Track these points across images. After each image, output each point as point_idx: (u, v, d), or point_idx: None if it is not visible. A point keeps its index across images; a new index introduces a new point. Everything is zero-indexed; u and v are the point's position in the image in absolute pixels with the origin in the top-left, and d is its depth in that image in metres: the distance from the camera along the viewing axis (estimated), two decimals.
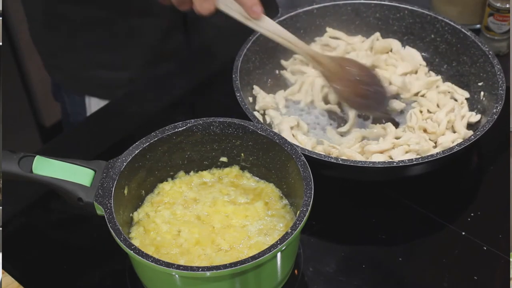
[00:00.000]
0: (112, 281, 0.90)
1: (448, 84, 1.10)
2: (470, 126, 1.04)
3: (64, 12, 1.21)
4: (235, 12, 0.96)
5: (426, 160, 0.91)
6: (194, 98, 1.18)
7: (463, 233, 0.94)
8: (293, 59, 1.16)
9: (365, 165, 0.91)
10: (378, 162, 0.91)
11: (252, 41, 1.09)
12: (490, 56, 1.06)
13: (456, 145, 0.93)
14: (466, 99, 1.09)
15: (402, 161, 0.92)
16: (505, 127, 1.04)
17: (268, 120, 1.07)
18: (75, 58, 1.27)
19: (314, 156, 0.91)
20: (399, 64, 1.14)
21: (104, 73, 1.28)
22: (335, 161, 0.91)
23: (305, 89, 1.10)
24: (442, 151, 0.93)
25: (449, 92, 1.10)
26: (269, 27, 0.98)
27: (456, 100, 1.08)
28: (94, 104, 1.31)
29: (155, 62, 1.27)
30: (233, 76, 1.03)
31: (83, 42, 1.25)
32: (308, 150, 0.93)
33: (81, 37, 1.24)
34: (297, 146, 0.90)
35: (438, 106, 1.08)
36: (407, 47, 1.17)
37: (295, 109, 1.09)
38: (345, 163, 0.91)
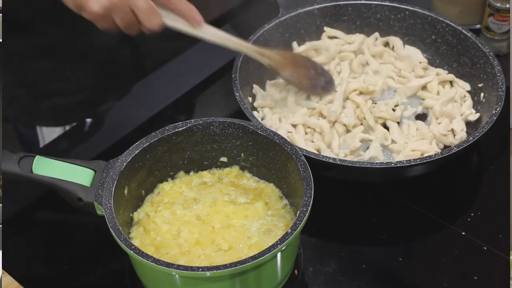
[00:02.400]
0: (112, 281, 0.90)
1: (450, 75, 1.11)
2: (469, 124, 1.05)
3: (8, 45, 1.18)
4: (181, 24, 0.96)
5: (426, 160, 0.91)
6: (194, 98, 1.18)
7: (463, 233, 0.94)
8: None
9: (364, 166, 0.91)
10: (378, 163, 0.91)
11: (252, 41, 1.09)
12: (490, 57, 1.06)
13: (455, 145, 0.94)
14: None
15: (402, 161, 0.92)
16: (505, 127, 1.04)
17: (261, 115, 1.06)
18: (27, 90, 1.22)
19: (314, 156, 0.91)
20: (398, 63, 1.14)
21: (61, 100, 1.25)
22: (335, 161, 0.91)
23: (294, 90, 1.09)
24: (441, 152, 0.93)
25: (450, 82, 1.10)
26: (213, 33, 0.99)
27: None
28: (46, 131, 1.29)
29: (107, 77, 1.23)
30: (233, 76, 1.03)
31: (33, 73, 1.20)
32: (308, 150, 0.93)
33: (30, 68, 1.20)
34: (297, 146, 0.90)
35: (438, 94, 1.09)
36: (406, 46, 1.17)
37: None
38: (345, 164, 0.91)
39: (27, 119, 1.30)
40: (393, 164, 0.91)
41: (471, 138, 0.94)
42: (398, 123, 1.05)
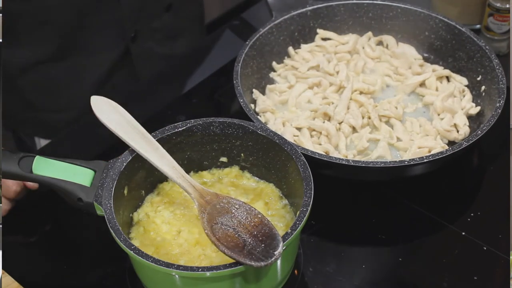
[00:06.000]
0: (112, 281, 0.90)
1: (447, 71, 1.11)
2: (470, 119, 1.05)
3: (3, 56, 1.16)
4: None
5: (438, 157, 0.91)
6: (194, 98, 1.18)
7: (463, 233, 0.94)
8: (284, 64, 1.16)
9: (365, 165, 0.91)
10: (378, 162, 0.91)
11: (249, 46, 1.09)
12: (487, 50, 1.06)
13: (465, 140, 0.94)
14: None
15: (414, 159, 0.91)
16: (506, 127, 1.04)
17: (264, 120, 1.06)
18: (18, 101, 1.24)
19: (314, 156, 0.91)
20: (394, 61, 1.14)
21: (49, 115, 1.26)
22: (335, 161, 0.91)
23: (294, 94, 1.09)
24: (452, 147, 0.93)
25: (446, 77, 1.11)
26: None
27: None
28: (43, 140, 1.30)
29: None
30: (234, 82, 1.03)
31: (24, 86, 1.22)
32: (308, 150, 0.93)
33: (22, 81, 1.21)
34: (297, 146, 0.90)
35: (437, 90, 1.09)
36: (400, 43, 1.17)
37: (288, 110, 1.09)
38: (345, 163, 0.91)
39: (15, 126, 1.31)
40: (393, 164, 0.91)
41: (479, 132, 0.94)
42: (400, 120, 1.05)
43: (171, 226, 0.86)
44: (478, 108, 1.05)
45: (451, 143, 1.02)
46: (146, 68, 1.28)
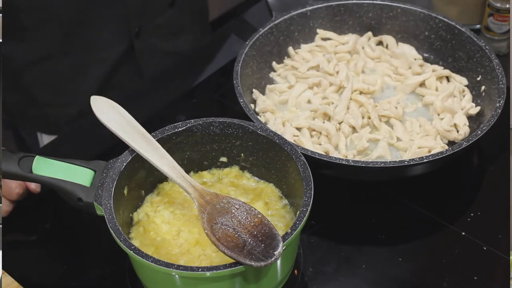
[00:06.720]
0: (112, 281, 0.90)
1: (447, 71, 1.11)
2: (470, 119, 1.05)
3: (7, 52, 1.17)
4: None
5: (438, 157, 0.91)
6: (194, 98, 1.18)
7: (463, 233, 0.94)
8: (284, 64, 1.16)
9: (365, 165, 0.91)
10: (378, 162, 0.91)
11: (249, 46, 1.09)
12: (487, 50, 1.06)
13: (465, 140, 0.94)
14: None
15: (414, 159, 0.91)
16: (506, 127, 1.04)
17: (264, 120, 1.06)
18: (21, 97, 1.25)
19: (314, 156, 0.91)
20: (394, 61, 1.14)
21: (52, 110, 1.26)
22: (335, 161, 0.91)
23: (294, 94, 1.09)
24: (452, 147, 0.93)
25: (446, 77, 1.11)
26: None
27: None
28: (45, 137, 1.30)
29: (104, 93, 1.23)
30: (234, 82, 1.03)
31: (28, 81, 1.22)
32: (308, 150, 0.93)
33: (26, 76, 1.22)
34: (297, 146, 0.90)
35: (437, 90, 1.09)
36: (400, 43, 1.17)
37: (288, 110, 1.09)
38: (345, 163, 0.91)
39: (17, 124, 1.31)
40: (393, 164, 0.91)
41: (479, 132, 0.94)
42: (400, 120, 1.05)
43: (171, 226, 0.86)
44: (478, 108, 1.05)
45: (451, 143, 1.02)
46: (150, 64, 1.28)
